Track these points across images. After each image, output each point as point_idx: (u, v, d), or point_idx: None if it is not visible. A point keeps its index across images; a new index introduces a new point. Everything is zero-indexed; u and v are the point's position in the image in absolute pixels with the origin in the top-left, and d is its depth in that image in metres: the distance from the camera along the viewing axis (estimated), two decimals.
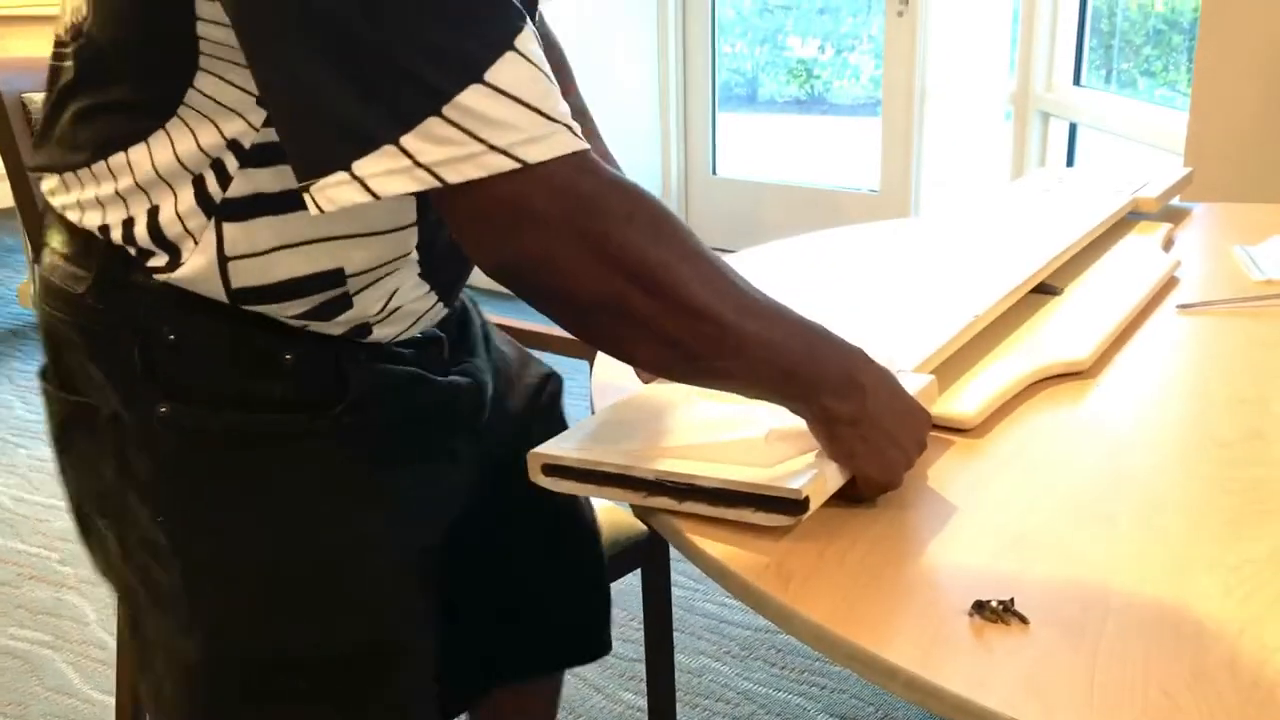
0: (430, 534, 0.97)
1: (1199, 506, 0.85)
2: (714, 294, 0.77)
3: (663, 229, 0.76)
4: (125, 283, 0.83)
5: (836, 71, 5.79)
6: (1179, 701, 0.64)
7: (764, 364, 0.79)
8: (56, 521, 2.48)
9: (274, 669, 0.87)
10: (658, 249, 0.75)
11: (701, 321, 0.76)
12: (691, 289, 0.75)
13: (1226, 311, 1.27)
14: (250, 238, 0.81)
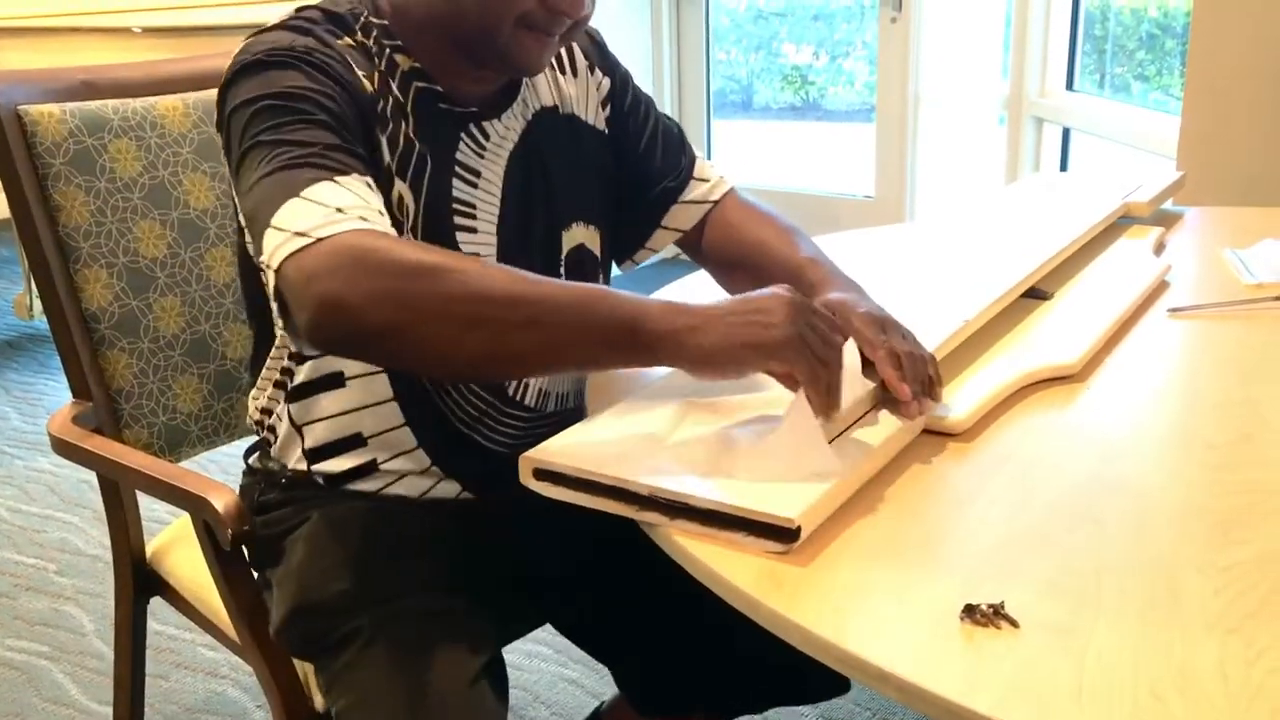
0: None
1: (1188, 509, 0.86)
2: (493, 280, 0.87)
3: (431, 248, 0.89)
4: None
5: (831, 78, 5.80)
6: (1168, 703, 0.64)
7: (570, 319, 0.87)
8: (53, 532, 2.48)
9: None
10: (431, 255, 0.87)
11: (488, 302, 0.86)
12: (470, 277, 0.86)
13: (1217, 315, 1.27)
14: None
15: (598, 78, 1.22)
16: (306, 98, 0.96)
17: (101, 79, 1.38)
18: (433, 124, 1.08)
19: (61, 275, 1.32)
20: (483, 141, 1.11)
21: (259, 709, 1.89)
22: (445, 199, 1.08)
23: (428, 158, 1.07)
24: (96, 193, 1.33)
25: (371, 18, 1.07)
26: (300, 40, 1.01)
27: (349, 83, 1.01)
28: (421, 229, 1.06)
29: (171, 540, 1.43)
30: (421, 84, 1.08)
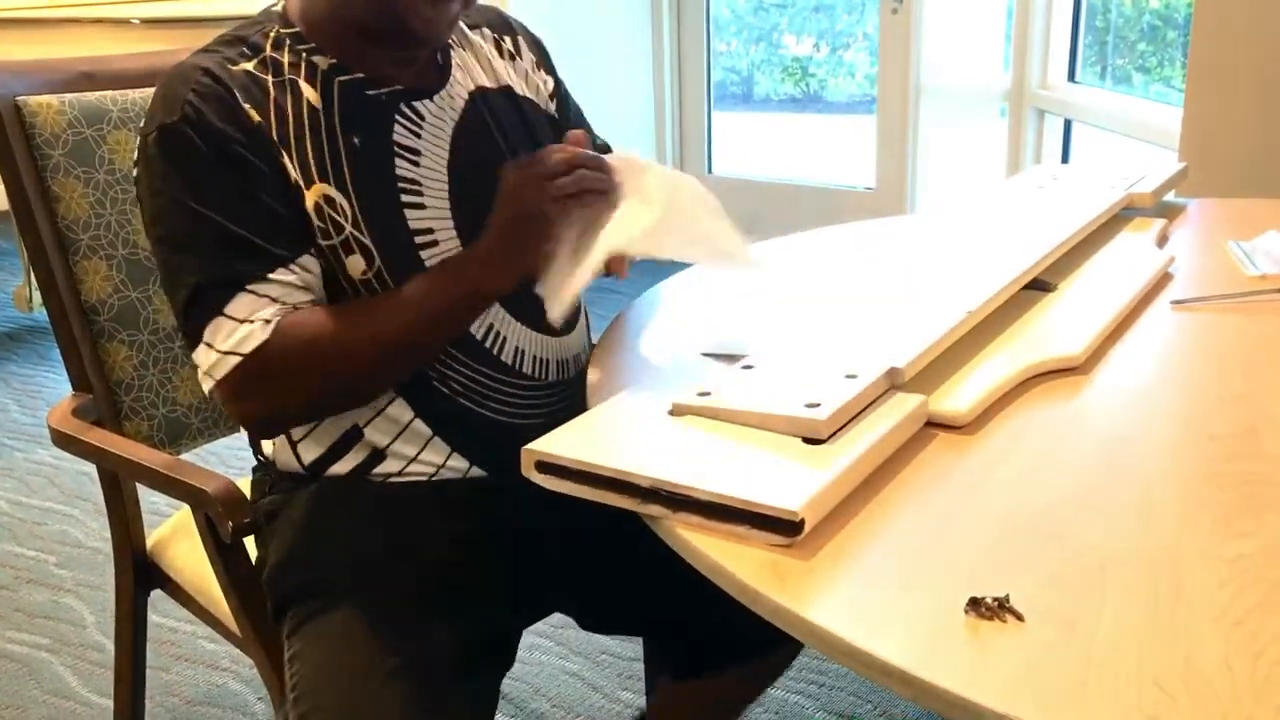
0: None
1: (1193, 501, 0.86)
2: (365, 337, 1.06)
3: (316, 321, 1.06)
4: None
5: (832, 69, 5.79)
6: (1174, 695, 0.64)
7: (433, 322, 1.07)
8: (54, 525, 2.48)
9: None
10: (316, 341, 1.05)
11: (370, 359, 1.07)
12: (345, 346, 1.05)
13: (1220, 307, 1.27)
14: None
15: (542, 76, 1.31)
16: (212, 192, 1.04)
17: (101, 70, 1.37)
18: (363, 113, 1.12)
19: (61, 267, 1.32)
20: (418, 121, 1.15)
21: (259, 701, 1.89)
22: (389, 181, 1.12)
23: (360, 146, 1.11)
24: (96, 184, 1.33)
25: (281, 29, 1.13)
26: (190, 100, 1.05)
27: (230, 130, 1.05)
28: (365, 217, 1.10)
29: (172, 533, 1.42)
30: (344, 78, 1.12)
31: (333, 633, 1.07)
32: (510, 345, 1.18)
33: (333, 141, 1.10)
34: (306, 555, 1.14)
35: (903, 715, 1.80)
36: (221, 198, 1.04)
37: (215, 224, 1.03)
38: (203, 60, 1.09)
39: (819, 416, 0.91)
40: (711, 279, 1.42)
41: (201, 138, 1.04)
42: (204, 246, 1.03)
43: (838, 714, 1.81)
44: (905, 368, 1.00)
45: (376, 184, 1.11)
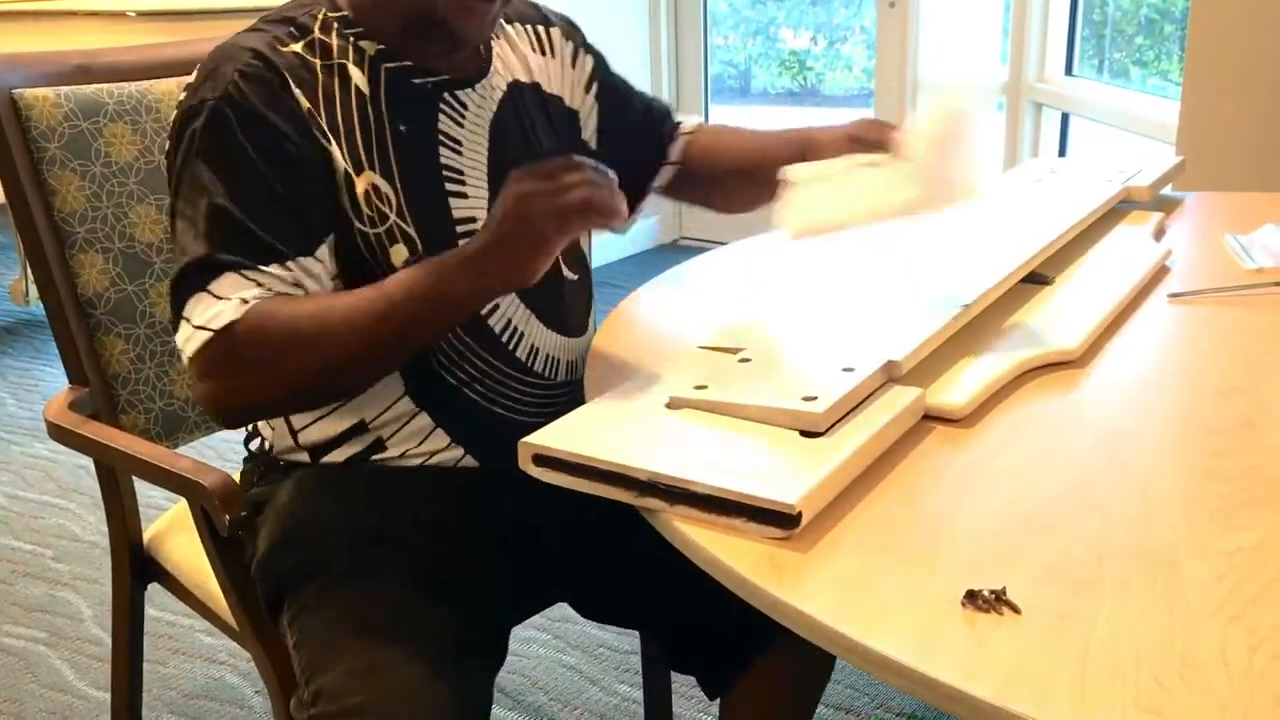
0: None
1: (1190, 495, 0.86)
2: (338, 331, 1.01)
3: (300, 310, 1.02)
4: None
5: (829, 63, 5.78)
6: (1171, 689, 0.64)
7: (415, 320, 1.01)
8: (51, 518, 2.48)
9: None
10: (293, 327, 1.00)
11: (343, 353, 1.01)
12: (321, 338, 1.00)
13: (1217, 301, 1.27)
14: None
15: (581, 59, 1.31)
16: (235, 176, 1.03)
17: (96, 63, 1.37)
18: (409, 101, 1.12)
19: (57, 260, 1.31)
20: (461, 111, 1.16)
21: (257, 695, 1.89)
22: (434, 169, 1.13)
23: (406, 134, 1.11)
24: (92, 177, 1.33)
25: (329, 13, 1.12)
26: (235, 81, 1.04)
27: (278, 118, 1.04)
28: (409, 206, 1.10)
29: (169, 526, 1.42)
30: (391, 65, 1.12)
31: (335, 610, 1.07)
32: (527, 342, 1.18)
33: (380, 129, 1.10)
34: (296, 538, 1.14)
35: (900, 708, 1.80)
36: (242, 184, 1.02)
37: (226, 209, 1.02)
38: (251, 40, 1.08)
39: (816, 409, 0.91)
40: (708, 270, 1.42)
41: (241, 120, 1.03)
42: (209, 227, 1.02)
43: (834, 707, 1.81)
44: (903, 361, 1.00)
45: (422, 173, 1.12)
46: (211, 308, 1.00)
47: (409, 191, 1.10)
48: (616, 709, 1.84)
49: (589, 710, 1.84)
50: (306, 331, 1.00)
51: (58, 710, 1.87)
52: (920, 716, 1.78)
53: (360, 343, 1.00)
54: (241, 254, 1.01)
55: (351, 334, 1.00)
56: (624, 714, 1.83)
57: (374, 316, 1.00)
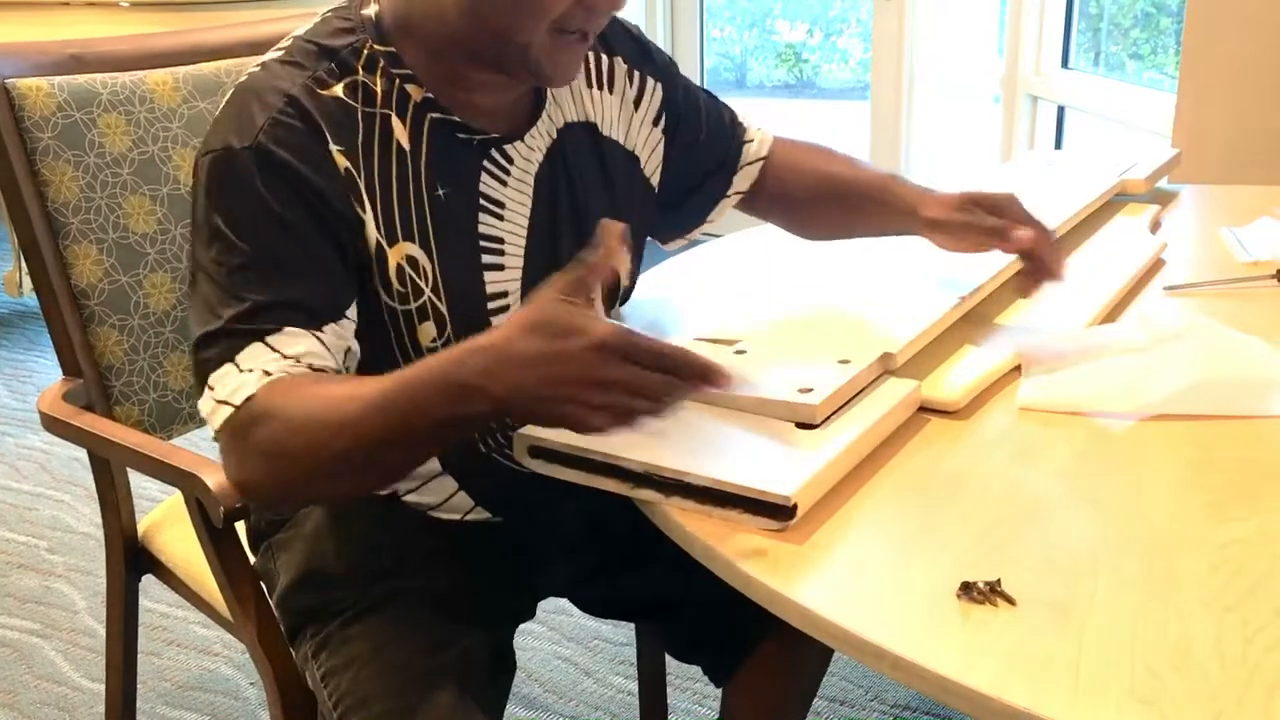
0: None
1: (1185, 487, 0.86)
2: (353, 428, 0.85)
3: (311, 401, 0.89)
4: None
5: (825, 55, 5.78)
6: (1165, 681, 0.64)
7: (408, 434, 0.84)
8: (44, 510, 2.48)
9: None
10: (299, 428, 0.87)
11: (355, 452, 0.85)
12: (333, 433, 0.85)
13: (1213, 293, 1.27)
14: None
15: (649, 92, 1.17)
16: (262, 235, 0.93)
17: (90, 53, 1.36)
18: (451, 159, 1.01)
19: (51, 251, 1.31)
20: (506, 167, 1.04)
21: (252, 686, 1.89)
22: (472, 238, 1.02)
23: (448, 201, 1.01)
24: (86, 168, 1.32)
25: (376, 45, 0.99)
26: (267, 129, 0.93)
27: (313, 175, 0.94)
28: (444, 280, 1.00)
29: (163, 518, 1.42)
30: (436, 115, 1.00)
31: (367, 644, 1.04)
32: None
33: (419, 193, 0.99)
34: (321, 572, 1.11)
35: (894, 699, 1.81)
36: (270, 245, 0.93)
37: (252, 270, 0.92)
38: (286, 80, 0.96)
39: (812, 402, 0.91)
40: (705, 262, 1.42)
41: (270, 175, 0.93)
42: (234, 289, 0.92)
43: (829, 698, 1.81)
44: (898, 353, 1.00)
45: (459, 242, 1.01)
46: (234, 379, 0.91)
47: (444, 264, 1.00)
48: (611, 700, 1.84)
49: (584, 702, 1.84)
50: (306, 428, 0.87)
51: (52, 701, 1.87)
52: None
53: (362, 446, 0.86)
54: (267, 321, 0.92)
55: (343, 439, 0.85)
56: (619, 705, 1.83)
57: (369, 416, 0.84)
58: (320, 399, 0.87)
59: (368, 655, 1.04)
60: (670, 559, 0.92)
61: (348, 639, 1.06)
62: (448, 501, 1.11)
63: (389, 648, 1.04)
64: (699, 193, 1.24)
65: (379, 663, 1.03)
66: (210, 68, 1.43)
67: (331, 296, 0.95)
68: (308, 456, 0.87)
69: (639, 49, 1.18)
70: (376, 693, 1.01)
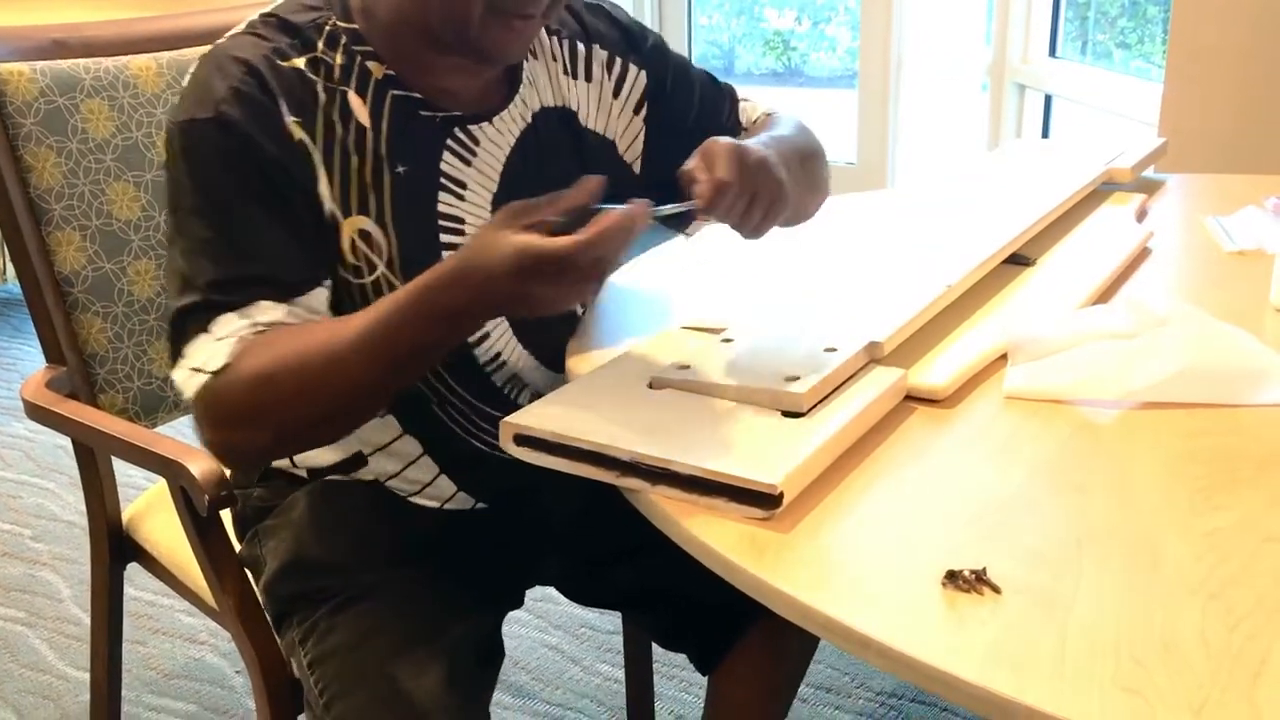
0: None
1: (1170, 476, 0.86)
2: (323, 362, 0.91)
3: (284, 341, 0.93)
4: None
5: (813, 43, 5.77)
6: (1150, 669, 0.64)
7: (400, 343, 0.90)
8: (29, 498, 2.47)
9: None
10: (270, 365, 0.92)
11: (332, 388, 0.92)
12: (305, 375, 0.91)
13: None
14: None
15: (630, 79, 1.17)
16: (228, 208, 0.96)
17: (73, 38, 1.35)
18: (412, 137, 1.02)
19: (34, 238, 1.30)
20: (471, 147, 1.05)
21: (238, 674, 1.89)
22: (431, 216, 1.03)
23: (405, 175, 1.02)
24: (68, 154, 1.31)
25: (339, 22, 1.02)
26: (227, 98, 0.95)
27: (270, 145, 0.96)
28: (401, 257, 1.02)
29: (148, 506, 1.41)
30: (398, 92, 1.02)
31: (349, 634, 1.05)
32: (528, 394, 1.13)
33: (377, 169, 1.01)
34: (306, 560, 1.11)
35: (880, 687, 1.81)
36: (235, 217, 0.96)
37: (223, 241, 0.95)
38: (248, 49, 0.99)
39: (798, 390, 0.91)
40: (692, 250, 1.42)
41: (231, 147, 0.95)
42: (205, 262, 0.95)
43: (815, 686, 1.82)
44: (885, 342, 1.00)
45: (416, 220, 1.03)
46: (208, 348, 0.94)
47: (402, 240, 1.02)
48: (598, 688, 1.84)
49: (571, 690, 1.84)
50: (292, 376, 0.92)
51: (37, 690, 1.87)
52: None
53: (348, 387, 0.92)
54: (238, 293, 0.95)
55: (338, 378, 0.91)
56: (606, 693, 1.83)
57: (349, 357, 0.91)
58: (305, 342, 0.92)
59: (353, 643, 1.04)
60: (657, 548, 0.92)
61: (334, 626, 1.06)
62: (429, 486, 1.11)
63: (375, 635, 1.04)
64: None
65: (365, 650, 1.03)
66: (194, 53, 1.42)
67: (300, 269, 0.97)
68: (297, 398, 0.91)
69: (622, 35, 1.18)
70: (361, 680, 1.01)
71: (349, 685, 1.02)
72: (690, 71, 1.23)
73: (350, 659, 1.03)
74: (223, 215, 0.96)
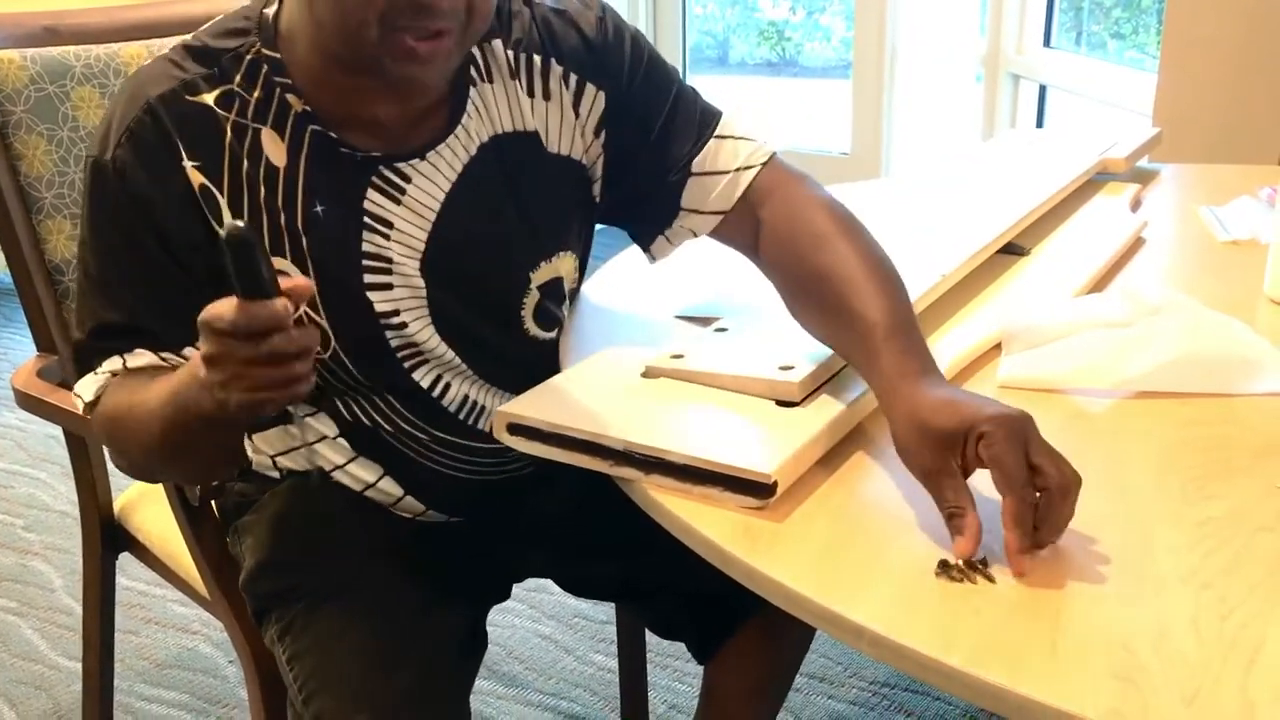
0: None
1: (1163, 465, 0.86)
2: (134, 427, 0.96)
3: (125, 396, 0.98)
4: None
5: (807, 33, 5.77)
6: (1142, 658, 0.64)
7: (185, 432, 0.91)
8: (20, 488, 2.46)
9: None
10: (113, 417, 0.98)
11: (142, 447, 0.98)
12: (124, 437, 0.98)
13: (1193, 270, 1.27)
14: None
15: (590, 95, 1.06)
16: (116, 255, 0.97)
17: (64, 25, 1.34)
18: (330, 175, 0.98)
19: (24, 226, 1.29)
20: (400, 185, 0.99)
21: (231, 664, 1.88)
22: (352, 257, 0.99)
23: (324, 215, 0.98)
24: (59, 141, 1.30)
25: (264, 49, 0.97)
26: (122, 143, 0.94)
27: (161, 197, 0.94)
28: (321, 297, 0.99)
29: (140, 496, 1.41)
30: (316, 128, 0.97)
31: (329, 628, 1.04)
32: (485, 419, 1.08)
33: (290, 209, 0.97)
34: (283, 556, 1.10)
35: (873, 676, 1.82)
36: (122, 267, 0.97)
37: (110, 288, 0.98)
38: (160, 80, 0.96)
39: (792, 379, 0.91)
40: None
41: (122, 195, 0.94)
42: (97, 301, 0.99)
43: (810, 675, 1.82)
44: None
45: (336, 260, 0.99)
46: (89, 380, 1.00)
47: (323, 280, 0.98)
48: (592, 678, 1.84)
49: (564, 680, 1.84)
50: (123, 426, 0.97)
51: (29, 680, 1.86)
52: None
53: (157, 444, 0.94)
54: (121, 342, 0.98)
55: (148, 435, 0.94)
56: (599, 683, 1.83)
57: (162, 421, 0.92)
58: (132, 403, 0.96)
59: (332, 639, 1.03)
60: (652, 540, 0.91)
61: (310, 623, 1.05)
62: (400, 502, 1.11)
63: (352, 631, 1.03)
64: (655, 199, 1.09)
65: (343, 646, 1.02)
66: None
67: (182, 329, 0.90)
68: (130, 448, 0.99)
69: (585, 51, 1.06)
70: (339, 676, 1.01)
71: (326, 681, 1.01)
72: (665, 91, 1.09)
73: (326, 656, 1.03)
74: (112, 263, 0.98)
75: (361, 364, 1.02)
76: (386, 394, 1.05)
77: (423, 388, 1.05)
